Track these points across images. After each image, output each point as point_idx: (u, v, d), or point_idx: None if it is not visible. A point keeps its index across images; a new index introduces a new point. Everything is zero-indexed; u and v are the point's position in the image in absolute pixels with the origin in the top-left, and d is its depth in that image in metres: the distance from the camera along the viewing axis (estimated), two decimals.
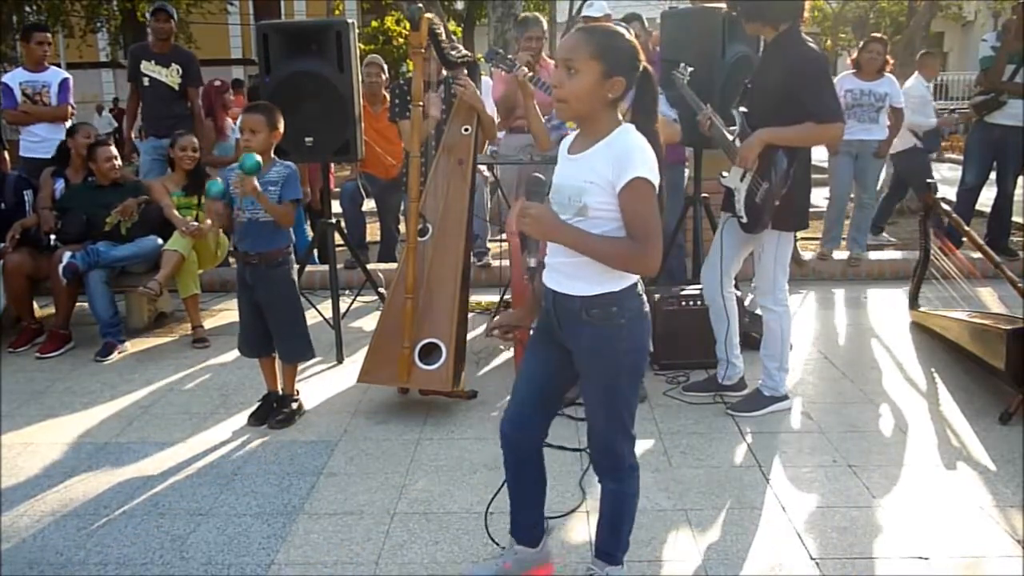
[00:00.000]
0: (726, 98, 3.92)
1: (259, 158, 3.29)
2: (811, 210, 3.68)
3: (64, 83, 5.93)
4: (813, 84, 3.25)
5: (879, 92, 5.76)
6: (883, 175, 6.93)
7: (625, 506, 2.25)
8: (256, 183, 3.31)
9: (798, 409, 3.68)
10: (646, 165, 1.97)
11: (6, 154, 5.96)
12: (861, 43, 6.13)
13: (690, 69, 3.72)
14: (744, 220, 3.43)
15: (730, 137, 3.46)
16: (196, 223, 4.92)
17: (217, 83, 6.72)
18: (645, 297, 2.13)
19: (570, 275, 2.08)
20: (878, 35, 6.28)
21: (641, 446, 3.31)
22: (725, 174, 3.51)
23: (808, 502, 2.86)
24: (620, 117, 2.06)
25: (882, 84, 5.78)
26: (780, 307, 3.53)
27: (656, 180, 1.98)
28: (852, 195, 6.05)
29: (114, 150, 4.99)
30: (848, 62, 6.11)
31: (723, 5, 4.02)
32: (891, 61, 6.06)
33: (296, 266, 3.69)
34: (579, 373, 2.16)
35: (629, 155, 1.97)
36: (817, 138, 3.38)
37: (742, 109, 3.48)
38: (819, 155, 6.46)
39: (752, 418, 3.53)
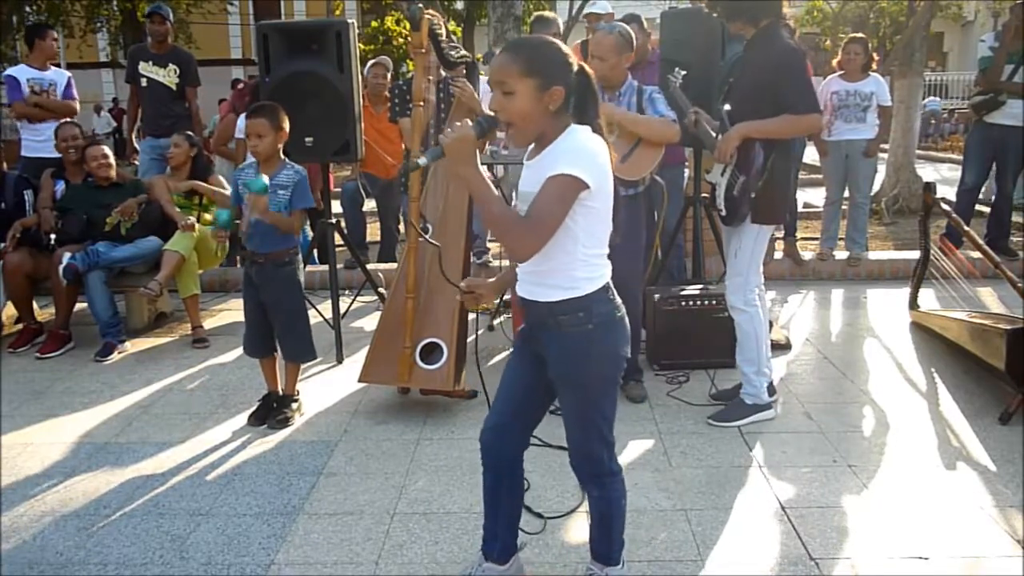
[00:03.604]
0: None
1: (266, 180, 3.32)
2: (810, 210, 3.69)
3: (70, 81, 6.00)
4: (790, 77, 3.27)
5: (865, 92, 5.80)
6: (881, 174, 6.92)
7: (612, 510, 2.24)
8: (266, 204, 3.35)
9: (798, 409, 3.68)
10: (577, 164, 1.91)
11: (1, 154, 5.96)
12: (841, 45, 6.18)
13: (683, 73, 3.72)
14: (723, 213, 3.44)
15: (714, 135, 3.48)
16: (193, 220, 4.92)
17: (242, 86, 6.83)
18: (619, 302, 2.09)
19: (537, 282, 2.06)
20: (857, 35, 6.30)
21: (641, 446, 3.32)
22: (709, 171, 3.53)
23: (808, 502, 2.86)
24: (570, 119, 2.01)
25: (867, 84, 5.82)
26: (751, 307, 3.48)
27: (589, 177, 1.91)
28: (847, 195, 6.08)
29: (106, 149, 4.99)
30: (834, 64, 6.14)
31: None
32: (876, 59, 6.09)
33: (302, 266, 3.70)
34: (553, 380, 2.13)
35: (564, 153, 1.94)
36: (794, 130, 3.38)
37: (726, 107, 3.48)
38: (815, 156, 6.49)
39: (733, 427, 3.47)
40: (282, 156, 3.55)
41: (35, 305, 5.06)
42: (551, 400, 2.24)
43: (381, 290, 4.94)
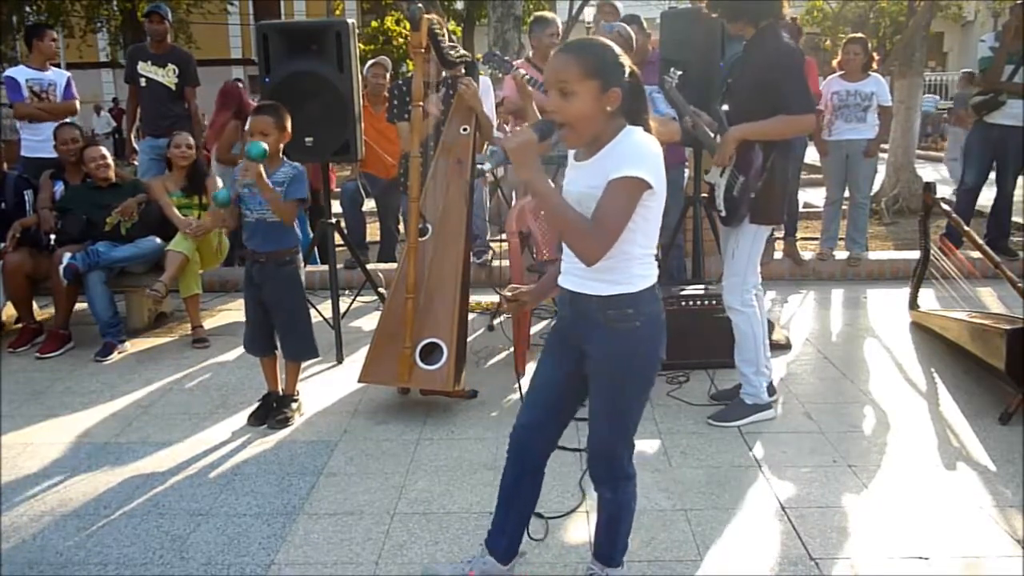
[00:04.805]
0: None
1: (265, 146, 3.31)
2: (810, 210, 3.69)
3: (69, 81, 5.99)
4: (787, 76, 3.27)
5: (865, 92, 5.80)
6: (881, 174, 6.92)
7: (622, 513, 2.24)
8: (261, 170, 3.30)
9: (798, 409, 3.68)
10: (641, 165, 1.93)
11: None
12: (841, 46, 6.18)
13: (679, 73, 3.72)
14: (723, 214, 3.44)
15: (712, 135, 3.48)
16: (198, 221, 4.92)
17: (240, 84, 6.81)
18: (662, 304, 2.10)
19: (588, 276, 2.05)
20: (857, 35, 6.31)
21: (641, 446, 3.30)
22: (708, 171, 3.54)
23: (808, 502, 2.86)
24: (623, 120, 2.02)
25: (868, 84, 5.82)
26: (748, 308, 3.48)
27: (653, 179, 1.94)
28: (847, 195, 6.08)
29: (103, 150, 4.99)
30: (834, 64, 6.14)
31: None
32: (876, 58, 6.09)
33: (303, 265, 3.70)
34: (588, 375, 2.13)
35: (626, 154, 1.95)
36: (789, 130, 3.37)
37: (724, 108, 3.48)
38: (815, 156, 6.49)
39: (733, 427, 3.47)
40: (281, 156, 3.55)
41: (35, 305, 5.06)
42: (583, 399, 2.23)
43: (381, 290, 4.94)
